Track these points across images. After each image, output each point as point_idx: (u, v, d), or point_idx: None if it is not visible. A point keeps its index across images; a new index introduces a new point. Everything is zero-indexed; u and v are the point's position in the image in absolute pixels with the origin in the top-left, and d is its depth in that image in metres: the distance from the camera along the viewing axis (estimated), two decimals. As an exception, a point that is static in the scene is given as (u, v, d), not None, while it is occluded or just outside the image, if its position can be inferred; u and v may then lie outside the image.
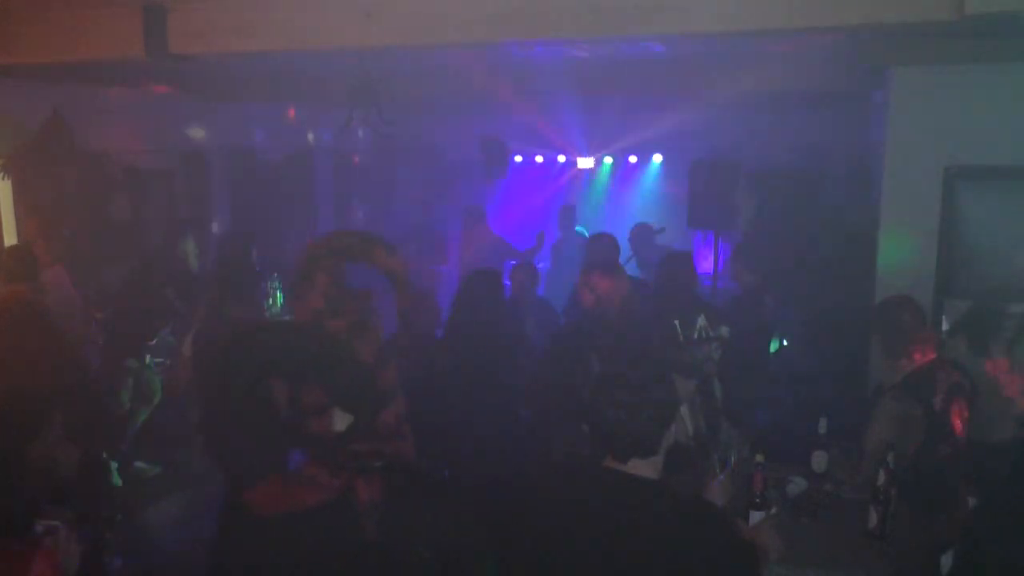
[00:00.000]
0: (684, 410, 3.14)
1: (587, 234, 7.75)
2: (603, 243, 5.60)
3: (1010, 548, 2.34)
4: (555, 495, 2.19)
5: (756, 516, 2.97)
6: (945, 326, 4.69)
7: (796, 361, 6.68)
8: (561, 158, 10.51)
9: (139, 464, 5.87)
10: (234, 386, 2.38)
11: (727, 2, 3.52)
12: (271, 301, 6.07)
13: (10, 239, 5.95)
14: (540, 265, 8.29)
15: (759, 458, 3.10)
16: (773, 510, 3.06)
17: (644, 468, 2.09)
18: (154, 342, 5.82)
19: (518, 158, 10.42)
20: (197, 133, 7.64)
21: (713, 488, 2.88)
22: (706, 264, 6.98)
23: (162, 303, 5.54)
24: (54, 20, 4.45)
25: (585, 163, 10.18)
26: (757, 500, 3.02)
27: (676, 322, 3.91)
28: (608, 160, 10.27)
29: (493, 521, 2.97)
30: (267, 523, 2.37)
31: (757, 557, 2.32)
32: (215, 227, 7.94)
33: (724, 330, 4.06)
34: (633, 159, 10.17)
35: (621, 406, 2.05)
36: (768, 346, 5.57)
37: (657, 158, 10.00)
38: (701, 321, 3.95)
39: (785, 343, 7.16)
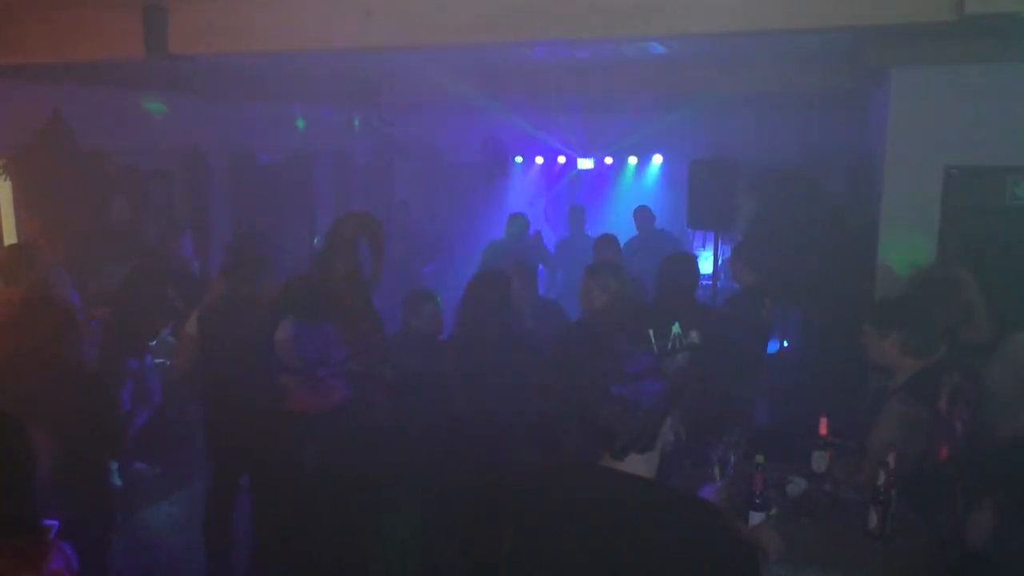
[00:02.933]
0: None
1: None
2: (607, 244, 5.64)
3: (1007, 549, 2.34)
4: (553, 495, 2.19)
5: (756, 516, 2.97)
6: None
7: (796, 361, 6.68)
8: (561, 159, 10.50)
9: (139, 464, 5.87)
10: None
11: (727, 2, 3.51)
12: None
13: (10, 239, 5.96)
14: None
15: (759, 458, 3.09)
16: (773, 510, 3.06)
17: (641, 466, 2.08)
18: (154, 342, 5.82)
19: (518, 159, 10.41)
20: (198, 135, 7.64)
21: (712, 489, 2.88)
22: (706, 264, 6.99)
23: (162, 303, 5.54)
24: (54, 20, 4.44)
25: (585, 164, 10.17)
26: (757, 500, 3.01)
27: (650, 331, 3.80)
28: (608, 160, 10.26)
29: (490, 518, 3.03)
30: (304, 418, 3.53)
31: (757, 557, 2.31)
32: (215, 227, 7.94)
33: (695, 335, 3.95)
34: (633, 159, 10.16)
35: (618, 400, 2.04)
36: (766, 345, 5.57)
37: (657, 158, 10.00)
38: (676, 329, 3.83)
39: (785, 343, 7.16)
